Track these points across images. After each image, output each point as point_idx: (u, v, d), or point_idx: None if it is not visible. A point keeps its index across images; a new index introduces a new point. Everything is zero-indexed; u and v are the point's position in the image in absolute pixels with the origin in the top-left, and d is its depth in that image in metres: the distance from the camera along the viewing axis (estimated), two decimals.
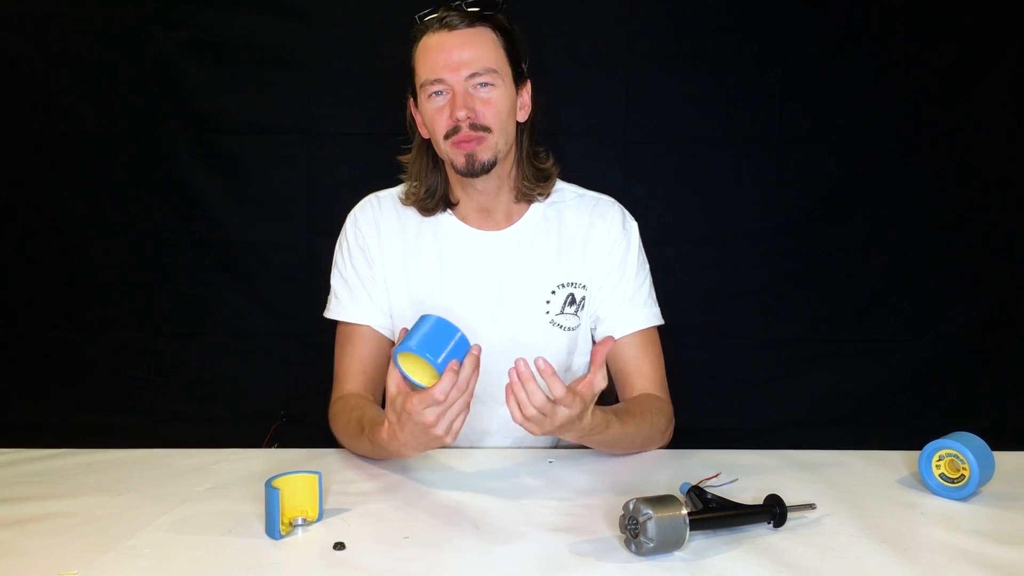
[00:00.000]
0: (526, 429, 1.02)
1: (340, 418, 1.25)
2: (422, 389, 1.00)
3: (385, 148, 1.40)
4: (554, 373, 0.98)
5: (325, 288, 1.39)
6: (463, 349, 1.00)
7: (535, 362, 0.98)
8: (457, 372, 0.98)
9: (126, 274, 2.17)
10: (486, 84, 1.22)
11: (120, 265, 2.17)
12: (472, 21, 1.22)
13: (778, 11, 2.14)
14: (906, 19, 2.14)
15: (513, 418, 1.01)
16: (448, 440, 1.02)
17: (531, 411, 0.99)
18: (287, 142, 2.15)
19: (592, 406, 1.05)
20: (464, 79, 1.21)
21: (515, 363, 0.98)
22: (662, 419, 1.27)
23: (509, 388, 1.00)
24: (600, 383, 1.02)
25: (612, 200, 1.41)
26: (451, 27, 1.22)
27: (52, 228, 2.15)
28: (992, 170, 2.18)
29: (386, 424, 1.06)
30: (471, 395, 1.01)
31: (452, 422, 1.01)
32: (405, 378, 1.02)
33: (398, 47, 2.08)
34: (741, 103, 2.17)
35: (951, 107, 2.16)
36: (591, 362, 1.04)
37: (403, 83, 1.34)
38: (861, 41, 2.16)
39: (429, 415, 0.99)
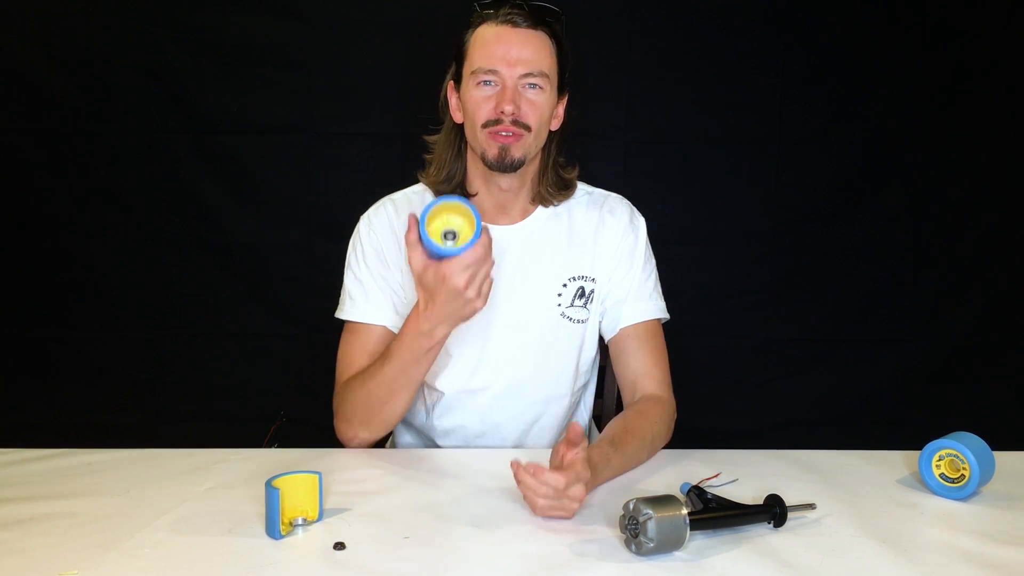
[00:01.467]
0: (558, 517, 1.01)
1: (349, 386, 1.26)
2: (449, 257, 1.06)
3: (385, 148, 1.40)
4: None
5: (325, 288, 1.39)
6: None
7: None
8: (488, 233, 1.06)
9: (126, 274, 2.18)
10: (535, 86, 1.25)
11: (120, 265, 2.17)
12: (535, 24, 1.25)
13: (778, 12, 2.15)
14: (906, 20, 2.15)
15: (535, 511, 1.01)
16: (480, 304, 1.10)
17: (542, 502, 0.99)
18: (288, 142, 2.15)
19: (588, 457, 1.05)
20: (518, 76, 1.24)
21: (511, 464, 1.01)
22: (663, 420, 1.27)
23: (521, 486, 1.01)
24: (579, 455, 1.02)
25: (620, 197, 1.44)
26: (515, 24, 1.25)
27: (52, 228, 2.15)
28: (992, 170, 2.19)
29: (417, 306, 1.12)
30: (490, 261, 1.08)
31: (481, 285, 1.08)
32: (427, 247, 1.06)
33: (398, 47, 2.11)
34: (741, 103, 2.17)
35: (951, 107, 2.17)
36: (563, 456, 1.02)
37: (403, 83, 1.34)
38: (861, 42, 2.16)
39: (461, 278, 1.06)
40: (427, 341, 1.15)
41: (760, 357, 2.24)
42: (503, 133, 1.24)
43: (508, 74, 1.24)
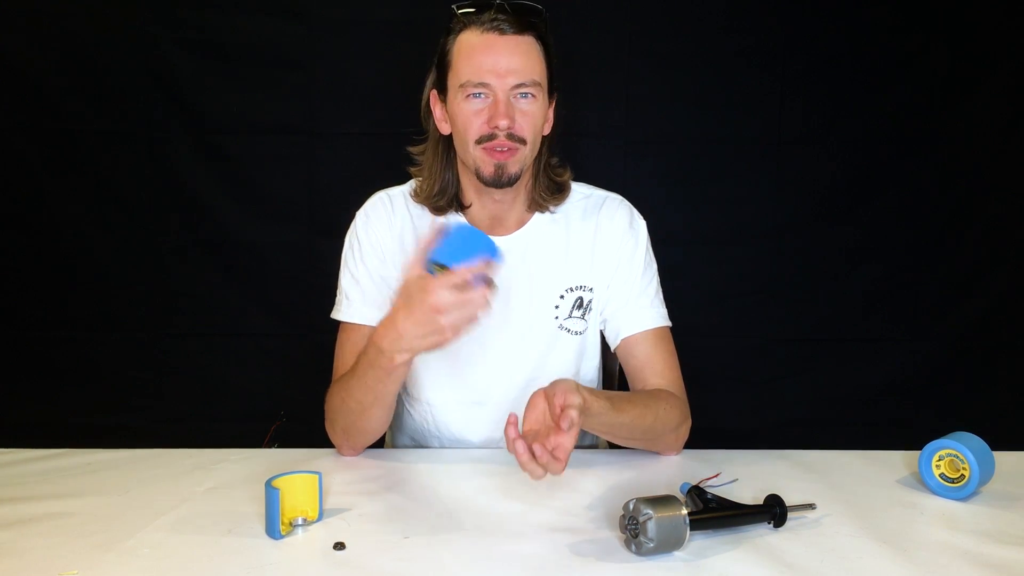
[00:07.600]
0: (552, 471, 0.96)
1: (332, 392, 1.24)
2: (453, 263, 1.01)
3: (385, 148, 1.39)
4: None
5: (325, 288, 1.38)
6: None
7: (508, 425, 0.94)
8: (486, 271, 1.00)
9: (127, 274, 2.17)
10: (528, 95, 1.20)
11: (121, 265, 2.17)
12: (522, 29, 1.19)
13: (778, 12, 2.15)
14: (906, 20, 2.15)
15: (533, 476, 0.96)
16: (449, 337, 1.01)
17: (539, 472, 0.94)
18: (287, 142, 2.15)
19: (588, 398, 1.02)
20: (509, 88, 1.18)
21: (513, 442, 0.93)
22: (673, 413, 1.24)
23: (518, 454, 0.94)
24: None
25: (620, 199, 1.39)
26: (501, 31, 1.19)
27: (52, 228, 2.15)
28: (991, 170, 2.19)
29: (384, 321, 1.07)
30: (484, 309, 1.00)
31: (460, 320, 1.00)
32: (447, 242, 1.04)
33: (398, 47, 2.11)
34: (741, 103, 2.17)
35: (950, 108, 2.17)
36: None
37: (403, 83, 1.33)
38: (861, 42, 2.16)
39: (444, 297, 0.99)
40: (388, 362, 1.08)
41: (760, 357, 2.24)
42: (498, 149, 1.19)
43: (499, 86, 1.18)
